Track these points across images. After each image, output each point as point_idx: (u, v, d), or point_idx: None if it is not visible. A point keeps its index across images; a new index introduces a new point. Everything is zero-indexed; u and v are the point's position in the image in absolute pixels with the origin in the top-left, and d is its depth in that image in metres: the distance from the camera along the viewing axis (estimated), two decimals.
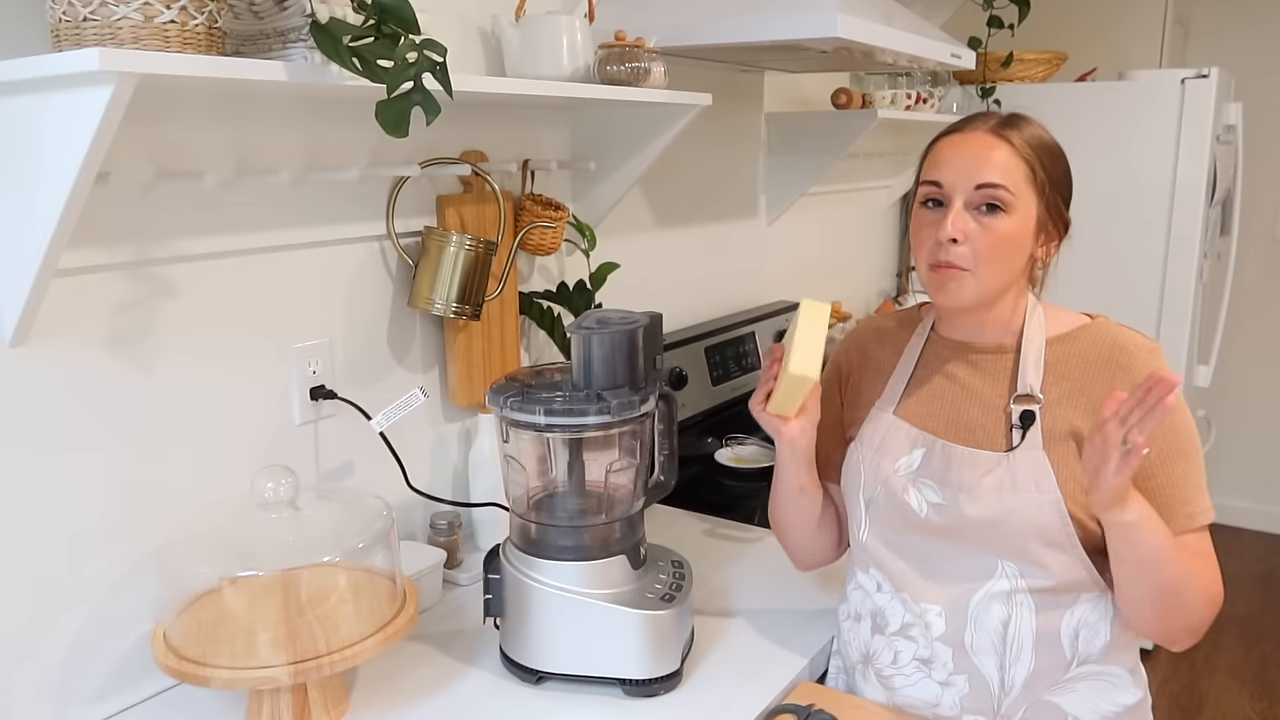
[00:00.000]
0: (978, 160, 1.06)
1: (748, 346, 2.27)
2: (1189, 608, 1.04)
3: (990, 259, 1.07)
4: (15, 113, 0.93)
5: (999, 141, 1.07)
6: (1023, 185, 1.07)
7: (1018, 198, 1.06)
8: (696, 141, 2.17)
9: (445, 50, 1.01)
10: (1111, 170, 2.93)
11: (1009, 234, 1.06)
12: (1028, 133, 1.09)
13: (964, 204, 1.07)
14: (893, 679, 1.16)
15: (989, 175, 1.06)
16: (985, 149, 1.07)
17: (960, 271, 1.07)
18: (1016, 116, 1.11)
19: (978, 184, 1.06)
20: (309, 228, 1.34)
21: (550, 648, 1.19)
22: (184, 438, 1.23)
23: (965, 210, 1.07)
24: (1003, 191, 1.06)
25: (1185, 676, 3.02)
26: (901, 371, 1.20)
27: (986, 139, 1.08)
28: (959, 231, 1.06)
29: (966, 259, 1.07)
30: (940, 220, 1.07)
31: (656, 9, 1.69)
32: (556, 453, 1.24)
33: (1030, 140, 1.08)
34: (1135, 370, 1.07)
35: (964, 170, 1.07)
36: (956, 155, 1.08)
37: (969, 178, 1.06)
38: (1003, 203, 1.06)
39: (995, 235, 1.06)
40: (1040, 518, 1.06)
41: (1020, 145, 1.07)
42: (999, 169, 1.06)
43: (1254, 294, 3.92)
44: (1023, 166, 1.07)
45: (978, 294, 1.08)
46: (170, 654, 1.08)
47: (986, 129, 1.09)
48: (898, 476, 1.14)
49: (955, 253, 1.07)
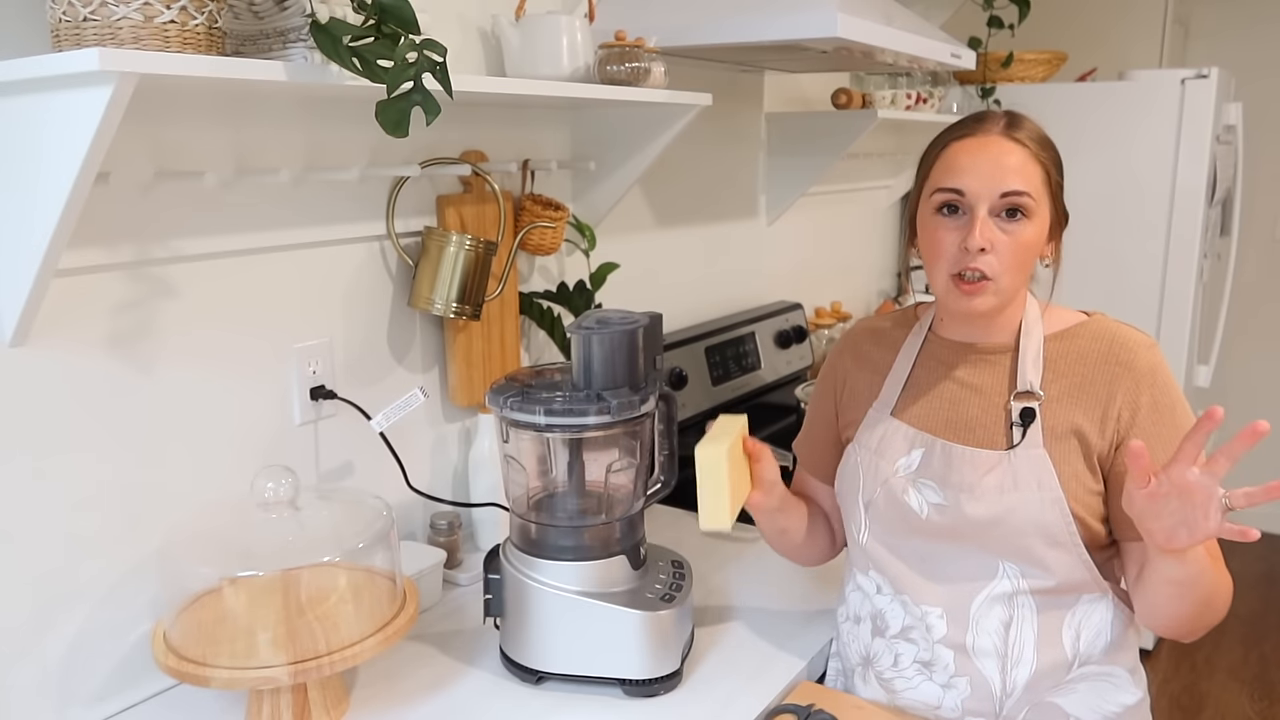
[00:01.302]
0: (999, 167, 1.05)
1: (748, 346, 2.27)
2: (1218, 610, 1.05)
3: (1013, 266, 1.06)
4: (15, 113, 0.93)
5: (1015, 145, 1.07)
6: (1040, 189, 1.07)
7: (1038, 203, 1.06)
8: (696, 141, 2.17)
9: (445, 50, 1.01)
10: (1111, 170, 2.93)
11: (1031, 240, 1.07)
12: (1034, 131, 1.09)
13: (988, 212, 1.06)
14: (894, 681, 1.16)
15: (1013, 183, 1.05)
16: (1004, 154, 1.06)
17: (985, 282, 1.06)
18: (1017, 115, 1.11)
19: (1003, 192, 1.05)
20: (309, 228, 1.34)
21: (550, 648, 1.19)
22: (184, 438, 1.23)
23: (989, 218, 1.06)
24: (1026, 198, 1.05)
25: (1185, 676, 3.02)
26: (898, 372, 1.20)
27: (1004, 144, 1.07)
28: (987, 240, 1.05)
29: (993, 267, 1.06)
30: (965, 228, 1.06)
31: (656, 9, 1.69)
32: (556, 453, 1.24)
33: (1038, 140, 1.09)
34: (1135, 365, 1.07)
35: (986, 177, 1.05)
36: (976, 162, 1.06)
37: (992, 186, 1.05)
38: (1026, 209, 1.05)
39: (1019, 242, 1.06)
40: (1042, 516, 1.06)
41: (1033, 147, 1.07)
42: (1020, 175, 1.05)
43: (1254, 294, 3.92)
44: (1039, 170, 1.07)
45: (998, 301, 1.08)
46: (170, 654, 1.08)
47: (999, 132, 1.08)
48: (897, 478, 1.14)
49: (984, 261, 1.06)
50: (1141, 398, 1.06)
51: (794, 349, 2.43)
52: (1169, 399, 1.07)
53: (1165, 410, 1.06)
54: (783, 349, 2.39)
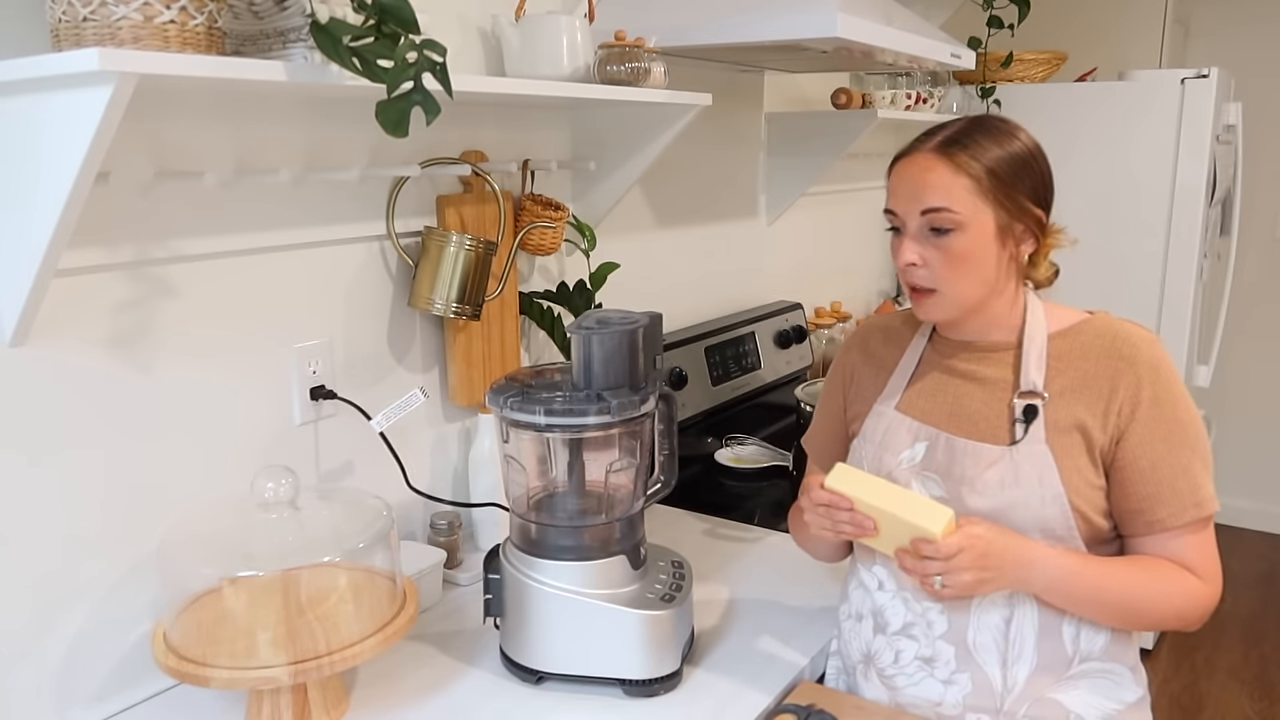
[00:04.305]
0: (917, 185, 1.08)
1: (748, 346, 2.27)
2: (1155, 619, 1.07)
3: (951, 276, 1.09)
4: (15, 113, 0.93)
5: (937, 160, 1.08)
6: (968, 199, 1.06)
7: (964, 213, 1.06)
8: (696, 141, 2.17)
9: (445, 50, 1.01)
10: (1111, 170, 2.93)
11: (964, 250, 1.08)
12: (977, 141, 1.07)
13: (916, 229, 1.09)
14: (895, 678, 1.16)
15: (929, 199, 1.07)
16: (923, 172, 1.08)
17: (928, 292, 1.11)
18: (961, 127, 1.10)
19: (922, 209, 1.08)
20: (309, 228, 1.34)
21: (550, 648, 1.19)
22: (184, 438, 1.23)
23: (920, 234, 1.09)
24: (946, 213, 1.07)
25: (1185, 676, 3.02)
26: (904, 368, 1.21)
27: (925, 160, 1.09)
28: (915, 256, 1.09)
29: (929, 279, 1.10)
30: (899, 247, 1.11)
31: (656, 9, 1.69)
32: (556, 453, 1.24)
33: (976, 149, 1.07)
34: (1137, 360, 1.08)
35: (907, 197, 1.09)
36: (900, 182, 1.11)
37: (913, 204, 1.09)
38: (950, 223, 1.07)
39: (951, 254, 1.08)
40: (1043, 511, 1.06)
41: (963, 159, 1.06)
42: (938, 191, 1.07)
43: (1254, 294, 3.92)
44: (964, 181, 1.06)
45: (953, 307, 1.11)
46: (170, 654, 1.08)
47: (930, 149, 1.09)
48: (900, 470, 1.14)
49: (917, 275, 1.10)
50: (1143, 392, 1.07)
51: (794, 349, 2.44)
52: (1171, 394, 1.07)
53: (1166, 405, 1.07)
54: (783, 349, 2.39)
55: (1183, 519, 1.05)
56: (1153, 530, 1.07)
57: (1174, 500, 1.05)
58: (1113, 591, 1.06)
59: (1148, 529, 1.07)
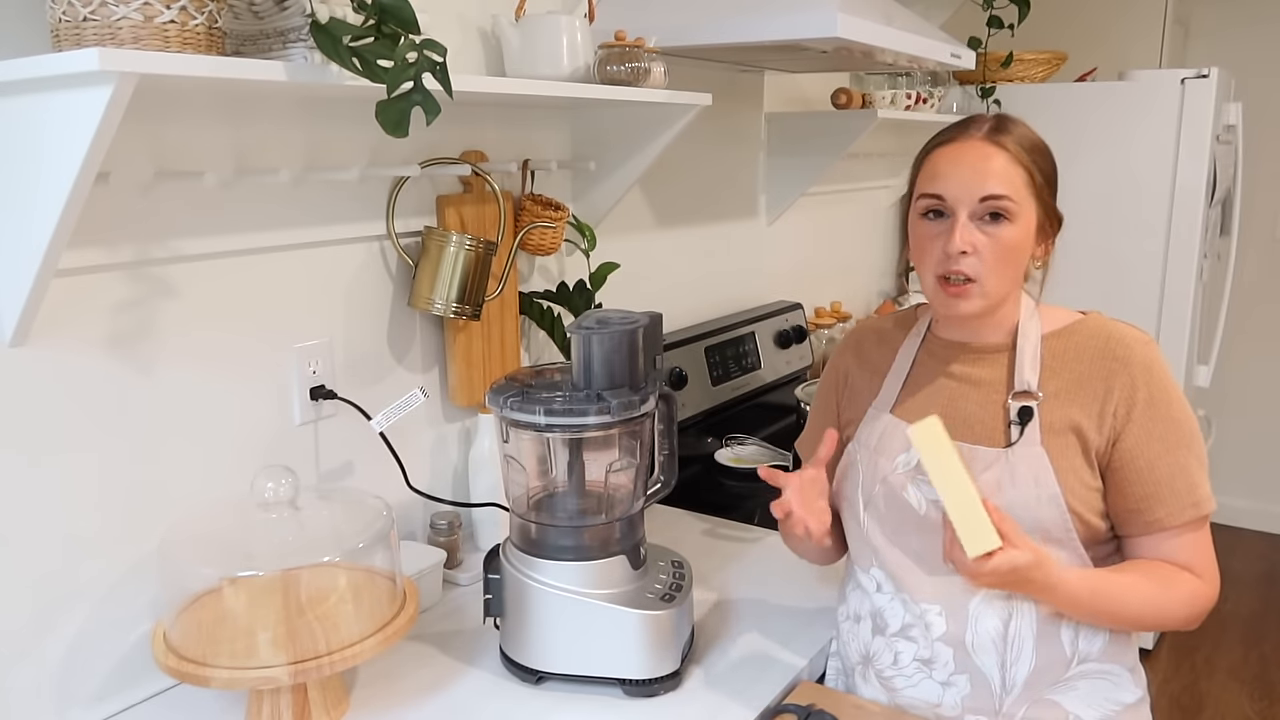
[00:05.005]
0: (978, 171, 1.07)
1: (748, 346, 2.27)
2: (1148, 622, 1.07)
3: (997, 268, 1.07)
4: (15, 113, 0.93)
5: (996, 150, 1.07)
6: (1023, 191, 1.07)
7: (1020, 205, 1.07)
8: (696, 141, 2.17)
9: (445, 50, 1.01)
10: (1111, 170, 2.93)
11: (1015, 242, 1.07)
12: (1020, 135, 1.09)
13: (969, 216, 1.07)
14: (894, 680, 1.16)
15: (992, 186, 1.06)
16: (984, 159, 1.07)
17: (969, 285, 1.08)
18: (1004, 118, 1.11)
19: (982, 196, 1.06)
20: (309, 228, 1.34)
21: (550, 648, 1.19)
22: (184, 438, 1.23)
23: (970, 221, 1.07)
24: (1007, 201, 1.06)
25: (1185, 676, 3.02)
26: (898, 371, 1.21)
27: (983, 148, 1.08)
28: (967, 244, 1.07)
29: (975, 269, 1.07)
30: (946, 233, 1.08)
31: (656, 9, 1.69)
32: (556, 453, 1.24)
33: (1023, 143, 1.09)
34: (1131, 361, 1.08)
35: (965, 182, 1.07)
36: (955, 167, 1.08)
37: (972, 190, 1.06)
38: (1007, 212, 1.06)
39: (1002, 244, 1.07)
40: (1039, 513, 1.06)
41: (1015, 150, 1.08)
42: (1000, 179, 1.06)
43: (1254, 294, 3.92)
44: (1021, 173, 1.07)
45: (985, 303, 1.09)
46: (170, 654, 1.08)
47: (981, 136, 1.09)
48: (896, 474, 1.14)
49: (966, 263, 1.07)
50: (1138, 393, 1.07)
51: (794, 349, 2.44)
52: (1165, 394, 1.07)
53: (1161, 405, 1.07)
54: (782, 349, 2.39)
55: (1181, 518, 1.05)
56: (1151, 530, 1.07)
57: (1172, 500, 1.05)
58: (1131, 607, 1.06)
59: (1146, 529, 1.07)
